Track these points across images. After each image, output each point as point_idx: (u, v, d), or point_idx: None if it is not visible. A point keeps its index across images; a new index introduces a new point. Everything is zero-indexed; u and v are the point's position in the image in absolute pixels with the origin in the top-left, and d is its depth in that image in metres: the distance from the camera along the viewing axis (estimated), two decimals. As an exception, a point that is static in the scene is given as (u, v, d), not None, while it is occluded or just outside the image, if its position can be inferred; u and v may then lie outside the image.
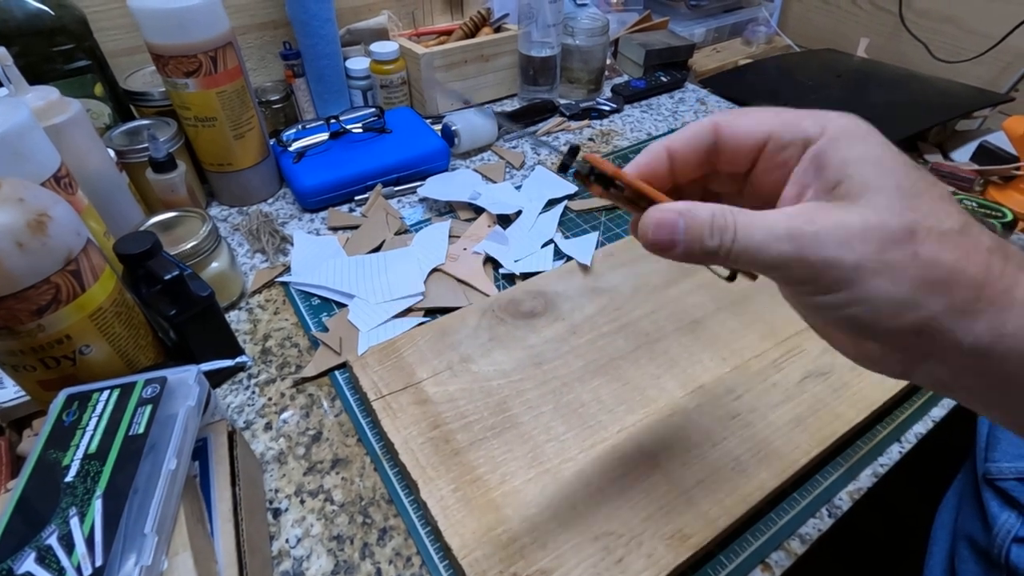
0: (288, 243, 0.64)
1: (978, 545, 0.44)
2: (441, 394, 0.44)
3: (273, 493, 0.41)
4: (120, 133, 0.62)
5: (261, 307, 0.56)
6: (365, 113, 0.75)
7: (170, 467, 0.31)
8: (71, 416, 0.33)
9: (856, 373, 0.45)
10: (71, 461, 0.31)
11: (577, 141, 0.82)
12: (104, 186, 0.53)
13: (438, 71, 0.83)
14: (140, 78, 0.68)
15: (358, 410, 0.46)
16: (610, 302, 0.51)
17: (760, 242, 0.20)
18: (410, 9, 0.92)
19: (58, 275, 0.35)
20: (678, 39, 1.00)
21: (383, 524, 0.39)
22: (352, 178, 0.69)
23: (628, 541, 0.35)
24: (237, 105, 0.62)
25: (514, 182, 0.73)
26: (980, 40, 0.92)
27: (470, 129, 0.77)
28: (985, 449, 0.45)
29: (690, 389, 0.44)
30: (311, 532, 0.39)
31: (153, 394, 0.34)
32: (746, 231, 0.20)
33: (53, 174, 0.43)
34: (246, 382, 0.49)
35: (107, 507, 0.28)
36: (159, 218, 0.53)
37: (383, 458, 0.43)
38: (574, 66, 0.90)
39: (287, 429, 0.45)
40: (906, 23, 1.01)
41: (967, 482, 0.48)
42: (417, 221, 0.67)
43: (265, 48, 0.83)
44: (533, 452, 0.40)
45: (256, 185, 0.70)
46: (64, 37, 0.58)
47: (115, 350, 0.40)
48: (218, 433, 0.37)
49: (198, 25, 0.56)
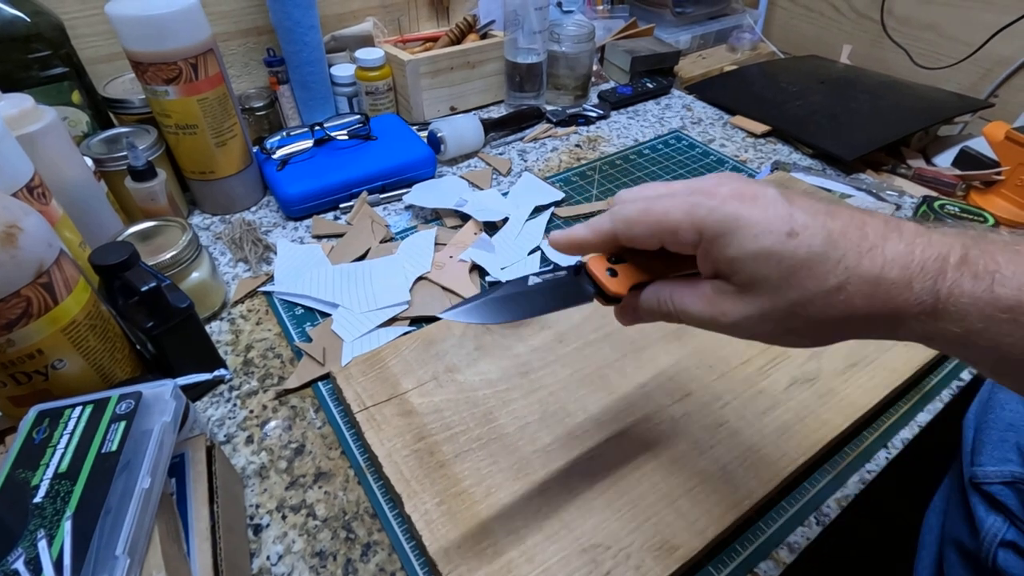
0: (271, 252, 0.63)
1: (965, 549, 0.44)
2: (426, 405, 0.43)
3: (254, 509, 0.40)
4: (98, 141, 0.61)
5: (243, 317, 0.55)
6: (350, 120, 0.74)
7: (144, 485, 0.30)
8: (41, 433, 0.32)
9: (843, 379, 0.45)
10: (40, 481, 0.30)
11: (564, 147, 0.82)
12: (81, 195, 0.52)
13: (424, 78, 0.83)
14: (119, 85, 0.67)
15: (342, 422, 0.45)
16: (596, 310, 0.51)
17: (695, 315, 0.27)
18: (395, 16, 0.92)
19: (29, 288, 0.34)
20: (664, 46, 1.00)
21: (367, 539, 0.39)
22: (337, 186, 0.68)
23: (616, 553, 0.35)
24: (219, 112, 0.61)
25: (501, 189, 0.73)
26: (960, 47, 0.94)
27: (456, 136, 0.76)
28: (971, 453, 0.45)
29: (677, 397, 0.44)
30: (293, 548, 0.38)
31: (127, 410, 0.33)
32: (683, 311, 0.28)
33: (26, 184, 0.42)
34: (227, 394, 0.48)
35: (77, 529, 0.27)
36: (138, 228, 0.52)
37: (367, 471, 0.42)
38: (560, 72, 0.90)
39: (269, 442, 0.44)
40: (888, 31, 1.02)
41: (954, 487, 0.48)
42: (403, 229, 0.66)
43: (248, 55, 0.82)
44: (519, 463, 0.39)
45: (239, 193, 0.69)
46: (40, 44, 0.57)
47: (90, 364, 0.39)
48: (196, 448, 0.36)
49: (177, 32, 0.55)
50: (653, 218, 0.26)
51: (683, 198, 0.26)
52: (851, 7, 1.07)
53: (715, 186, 0.26)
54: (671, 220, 0.26)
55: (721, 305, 0.26)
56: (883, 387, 0.45)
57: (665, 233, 0.26)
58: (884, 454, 0.44)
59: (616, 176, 0.75)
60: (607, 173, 0.76)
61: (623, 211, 0.27)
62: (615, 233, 0.28)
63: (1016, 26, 0.86)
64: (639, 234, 0.27)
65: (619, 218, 0.27)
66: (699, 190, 0.26)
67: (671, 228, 0.26)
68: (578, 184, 0.74)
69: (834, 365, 0.46)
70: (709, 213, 0.24)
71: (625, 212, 0.27)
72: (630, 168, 0.77)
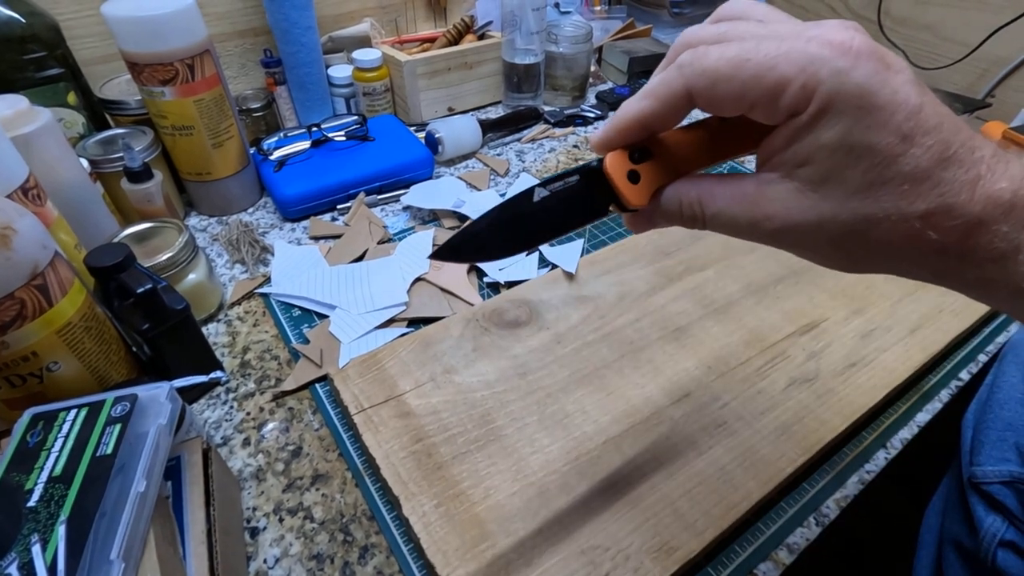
0: (268, 253, 0.63)
1: (965, 549, 0.44)
2: (424, 406, 0.43)
3: (251, 511, 0.40)
4: (94, 142, 0.61)
5: (240, 319, 0.55)
6: (347, 121, 0.74)
7: (139, 489, 0.29)
8: (36, 437, 0.32)
9: (841, 379, 0.45)
10: (35, 484, 0.29)
11: (562, 148, 0.82)
12: (76, 197, 0.52)
13: (421, 78, 0.82)
14: (116, 86, 0.67)
15: (339, 424, 0.45)
16: (594, 310, 0.51)
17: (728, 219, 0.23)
18: (393, 16, 0.91)
19: (23, 290, 0.34)
20: (662, 46, 1.00)
21: (364, 542, 0.38)
22: (334, 187, 0.68)
23: (615, 555, 0.35)
24: (215, 113, 0.61)
25: (499, 189, 0.72)
26: (957, 47, 0.94)
27: (454, 136, 0.76)
28: (970, 453, 0.45)
29: (676, 398, 0.44)
30: (290, 552, 0.38)
31: (123, 412, 0.33)
32: (715, 215, 0.23)
33: (20, 185, 0.41)
34: (224, 396, 0.48)
35: (71, 533, 0.27)
36: (134, 229, 0.51)
37: (365, 473, 0.42)
38: (558, 73, 0.90)
39: (266, 444, 0.44)
40: (885, 31, 1.02)
41: (953, 486, 0.48)
42: (401, 230, 0.66)
43: (246, 56, 0.82)
44: (517, 465, 0.39)
45: (236, 194, 0.69)
46: (36, 45, 0.57)
47: (85, 366, 0.39)
48: (192, 451, 0.36)
49: (174, 33, 0.55)
50: (750, 71, 0.19)
51: (796, 43, 0.19)
52: (848, 8, 1.08)
53: (841, 34, 0.19)
54: (777, 76, 0.19)
55: (768, 206, 0.21)
56: (882, 387, 0.45)
57: (762, 95, 0.19)
58: (883, 454, 0.44)
59: (614, 176, 0.75)
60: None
61: (704, 60, 0.20)
62: (689, 94, 0.21)
63: (1013, 26, 0.86)
64: (724, 94, 0.20)
65: (697, 71, 0.20)
66: (820, 38, 0.19)
67: (773, 87, 0.19)
68: (576, 185, 0.74)
69: (832, 365, 0.46)
70: (835, 76, 0.18)
71: (708, 62, 0.20)
72: (628, 168, 0.77)
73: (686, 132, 0.24)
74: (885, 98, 0.18)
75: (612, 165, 0.23)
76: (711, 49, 0.20)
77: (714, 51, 0.20)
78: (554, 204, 0.24)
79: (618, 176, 0.23)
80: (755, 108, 0.20)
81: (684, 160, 0.24)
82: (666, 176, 0.24)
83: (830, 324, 0.49)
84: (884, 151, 0.19)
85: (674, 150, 0.24)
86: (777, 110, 0.20)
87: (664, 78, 0.21)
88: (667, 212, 0.24)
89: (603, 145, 0.24)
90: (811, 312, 0.50)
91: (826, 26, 0.19)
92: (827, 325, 0.49)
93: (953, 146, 0.19)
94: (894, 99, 0.18)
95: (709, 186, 0.23)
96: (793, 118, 0.20)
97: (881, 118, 0.18)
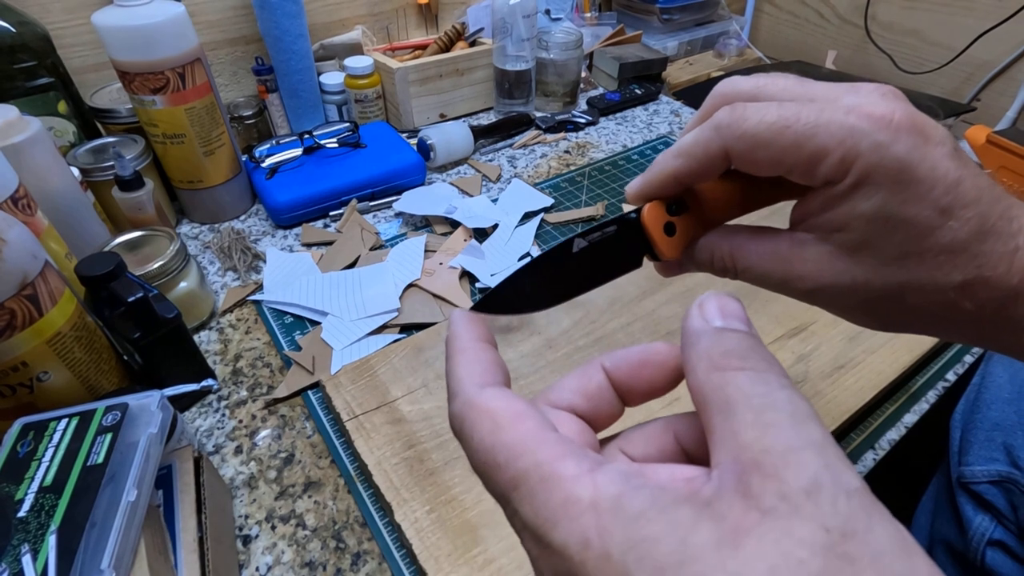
0: (260, 260, 0.63)
1: (954, 549, 0.45)
2: (416, 412, 0.43)
3: (243, 519, 0.40)
4: (85, 151, 0.61)
5: (232, 326, 0.55)
6: (339, 128, 0.74)
7: (130, 498, 0.29)
8: (26, 447, 0.32)
9: (829, 381, 0.45)
10: (25, 495, 0.29)
11: (553, 153, 0.83)
12: (67, 206, 0.52)
13: (413, 85, 0.83)
14: (106, 95, 0.67)
15: (331, 431, 0.45)
16: (585, 315, 0.51)
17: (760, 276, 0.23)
18: (384, 24, 0.92)
19: (12, 300, 0.34)
20: (651, 52, 1.01)
21: (357, 549, 0.38)
22: (326, 193, 0.68)
23: (606, 559, 0.35)
24: (207, 121, 0.61)
25: (491, 195, 0.73)
26: (942, 52, 0.95)
27: (446, 143, 0.76)
28: (958, 453, 0.46)
29: (667, 401, 0.44)
30: (282, 559, 0.38)
31: (113, 422, 0.33)
32: (747, 270, 0.23)
33: (10, 195, 0.41)
34: (216, 404, 0.48)
35: (62, 543, 0.27)
36: (125, 238, 0.51)
37: (357, 480, 0.42)
38: (549, 79, 0.91)
39: (258, 452, 0.44)
40: (872, 36, 1.04)
41: (942, 487, 0.49)
42: (393, 236, 0.66)
43: (237, 64, 0.82)
44: (510, 470, 0.39)
45: (228, 202, 0.69)
46: (26, 54, 0.57)
47: (76, 376, 0.39)
48: (184, 459, 0.36)
49: (164, 42, 0.55)
50: (790, 139, 0.19)
51: (836, 115, 0.19)
52: (836, 13, 1.09)
53: (881, 106, 0.19)
54: (816, 146, 0.19)
55: (802, 267, 0.21)
56: (870, 389, 0.45)
57: (800, 162, 0.19)
58: (871, 455, 0.44)
59: (605, 182, 0.76)
60: (596, 179, 0.76)
61: (744, 124, 0.20)
62: (726, 156, 0.21)
63: (998, 31, 0.87)
64: (763, 159, 0.20)
65: (736, 134, 0.20)
66: (859, 110, 0.19)
67: (812, 156, 0.19)
68: (567, 190, 0.74)
69: (821, 368, 0.46)
70: (875, 150, 0.18)
71: (748, 126, 0.20)
72: (619, 174, 0.78)
73: (721, 184, 0.24)
74: (924, 172, 0.18)
75: (649, 217, 0.24)
76: (749, 111, 0.20)
77: (753, 114, 0.20)
78: (592, 255, 0.24)
79: (655, 228, 0.24)
80: (792, 172, 0.20)
81: (719, 212, 0.24)
82: (701, 228, 0.24)
83: (818, 327, 0.50)
84: (921, 224, 0.19)
85: (710, 203, 0.24)
86: (815, 177, 0.20)
87: (701, 138, 0.21)
88: (699, 262, 0.24)
89: (639, 196, 0.24)
90: (799, 315, 0.51)
91: (865, 92, 0.20)
92: (815, 328, 0.50)
93: (991, 218, 0.19)
94: (933, 173, 0.18)
95: (742, 240, 0.23)
96: (831, 185, 0.20)
97: (919, 192, 0.18)
